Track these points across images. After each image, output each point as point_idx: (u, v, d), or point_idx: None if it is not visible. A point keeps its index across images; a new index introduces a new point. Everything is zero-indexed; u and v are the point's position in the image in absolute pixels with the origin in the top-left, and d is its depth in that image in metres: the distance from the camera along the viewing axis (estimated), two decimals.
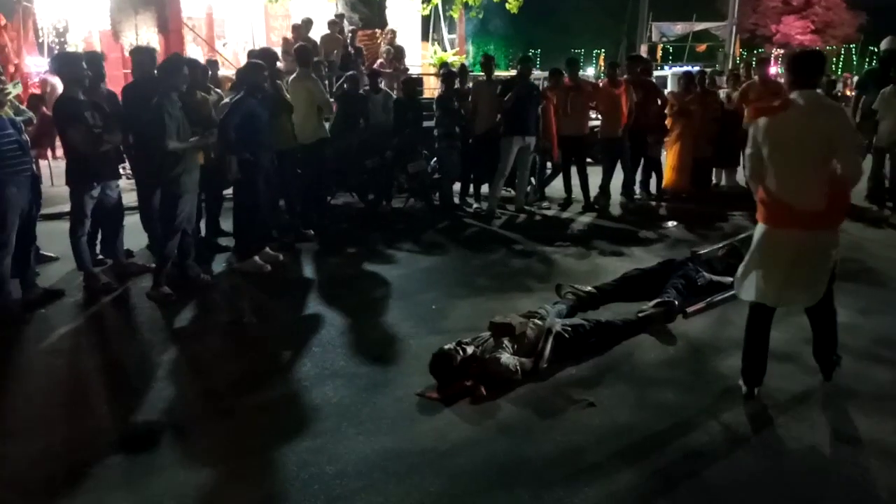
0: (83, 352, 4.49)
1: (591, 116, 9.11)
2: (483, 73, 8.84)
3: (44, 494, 2.97)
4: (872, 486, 2.99)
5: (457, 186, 8.91)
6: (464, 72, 9.35)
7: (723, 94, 9.91)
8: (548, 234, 7.34)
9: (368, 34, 13.57)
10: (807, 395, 3.74)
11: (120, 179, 6.04)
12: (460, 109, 8.41)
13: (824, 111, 3.38)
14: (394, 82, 10.06)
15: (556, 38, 37.31)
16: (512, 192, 8.73)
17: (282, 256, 6.35)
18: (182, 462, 3.15)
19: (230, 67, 11.83)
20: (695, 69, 11.19)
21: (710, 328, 4.71)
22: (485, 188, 8.75)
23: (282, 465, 3.11)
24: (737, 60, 22.72)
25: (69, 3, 13.66)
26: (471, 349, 3.90)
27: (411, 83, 8.99)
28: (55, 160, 10.25)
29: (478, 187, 8.85)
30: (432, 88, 12.57)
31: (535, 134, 8.18)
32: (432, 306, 5.16)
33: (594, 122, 9.31)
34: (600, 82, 9.78)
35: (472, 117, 8.37)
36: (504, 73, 18.37)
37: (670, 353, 4.32)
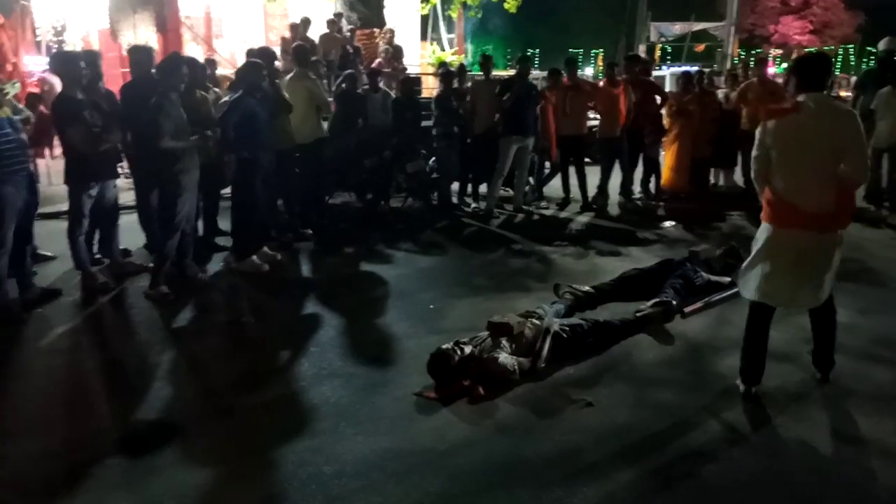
0: (81, 351, 4.49)
1: (589, 116, 9.11)
2: (481, 73, 8.84)
3: (43, 494, 2.96)
4: (872, 486, 3.00)
5: (455, 186, 8.91)
6: (462, 71, 9.35)
7: (721, 94, 9.90)
8: (546, 234, 7.34)
9: (367, 33, 13.59)
10: (805, 395, 3.75)
11: (118, 179, 6.03)
12: (459, 109, 8.40)
13: (835, 114, 3.41)
14: (392, 82, 10.05)
15: (554, 37, 37.30)
16: (510, 192, 8.74)
17: (280, 256, 6.35)
18: (181, 462, 3.15)
19: (228, 67, 11.82)
20: (693, 69, 11.17)
21: (708, 328, 4.72)
22: (483, 188, 8.75)
23: (280, 464, 3.11)
24: (735, 60, 22.70)
25: (67, 1, 13.62)
26: (469, 349, 3.89)
27: (410, 83, 8.98)
28: (53, 159, 10.24)
29: (476, 187, 8.85)
30: (431, 88, 12.57)
31: (533, 134, 8.19)
32: (430, 306, 5.16)
33: (593, 121, 9.30)
34: (599, 82, 9.78)
35: (470, 117, 8.37)
36: (503, 72, 18.39)
37: (668, 353, 4.33)
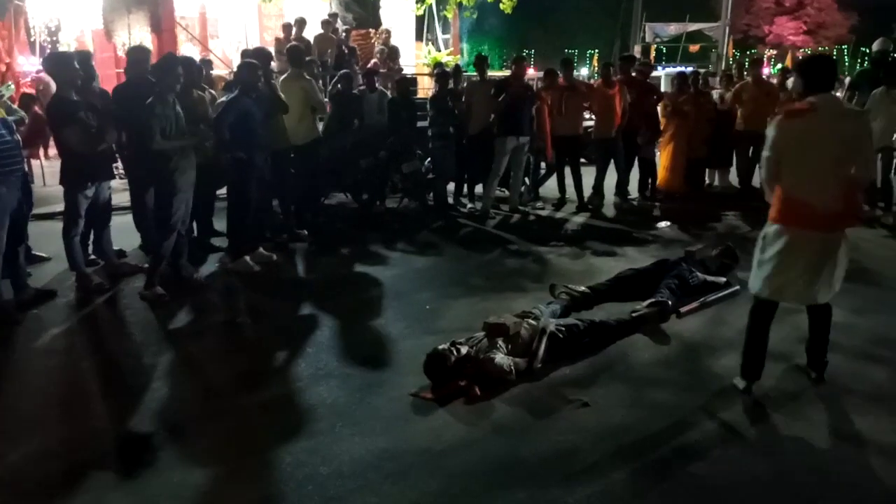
0: (76, 352, 4.47)
1: (585, 117, 9.12)
2: (476, 73, 8.85)
3: (41, 495, 2.96)
4: (871, 485, 3.01)
5: (451, 186, 8.91)
6: (457, 72, 9.35)
7: (716, 94, 9.93)
8: (542, 235, 7.35)
9: (362, 34, 13.57)
10: (802, 395, 3.76)
11: (114, 179, 6.01)
12: (454, 109, 8.40)
13: (848, 115, 3.56)
14: (388, 82, 10.05)
15: (550, 38, 37.40)
16: (506, 192, 8.74)
17: (275, 256, 6.34)
18: (178, 462, 3.14)
19: (223, 67, 11.80)
20: (688, 70, 11.20)
21: (703, 328, 4.73)
22: (479, 188, 8.75)
23: (277, 465, 3.11)
24: (730, 61, 22.77)
25: (61, 1, 13.56)
26: (465, 349, 3.89)
27: (405, 83, 8.98)
28: (48, 160, 10.22)
29: (472, 187, 8.85)
30: (426, 88, 12.57)
31: (529, 134, 8.19)
32: (426, 306, 5.15)
33: (588, 122, 9.31)
34: (594, 82, 9.78)
35: (465, 117, 8.38)
36: (498, 72, 18.39)
37: (664, 353, 4.33)
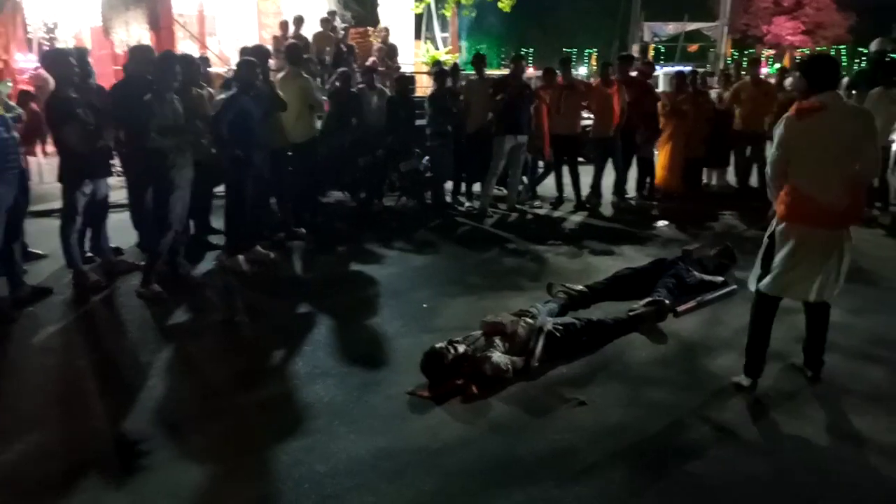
0: (73, 350, 4.46)
1: (583, 116, 9.12)
2: (475, 72, 8.84)
3: (38, 494, 2.95)
4: (869, 484, 3.01)
5: (449, 185, 8.90)
6: (455, 70, 9.34)
7: (714, 94, 9.93)
8: (539, 233, 7.35)
9: (361, 32, 13.57)
10: (799, 394, 3.76)
11: (112, 176, 6.00)
12: (452, 108, 8.39)
13: (856, 113, 3.60)
14: (386, 80, 10.04)
15: (548, 37, 37.39)
16: (504, 191, 8.74)
17: (273, 255, 6.33)
18: (175, 461, 3.14)
19: (221, 65, 11.78)
20: (686, 69, 11.19)
21: (700, 327, 4.73)
22: (477, 187, 8.75)
23: (274, 463, 3.10)
24: (728, 61, 22.81)
25: None
26: (462, 348, 3.89)
27: (405, 81, 8.95)
28: (46, 157, 10.17)
29: (470, 186, 8.85)
30: (425, 87, 12.56)
31: (527, 133, 8.18)
32: (424, 305, 5.15)
33: (586, 121, 9.31)
34: (593, 81, 9.77)
35: (464, 116, 8.37)
36: (496, 71, 18.38)
37: (661, 352, 4.34)
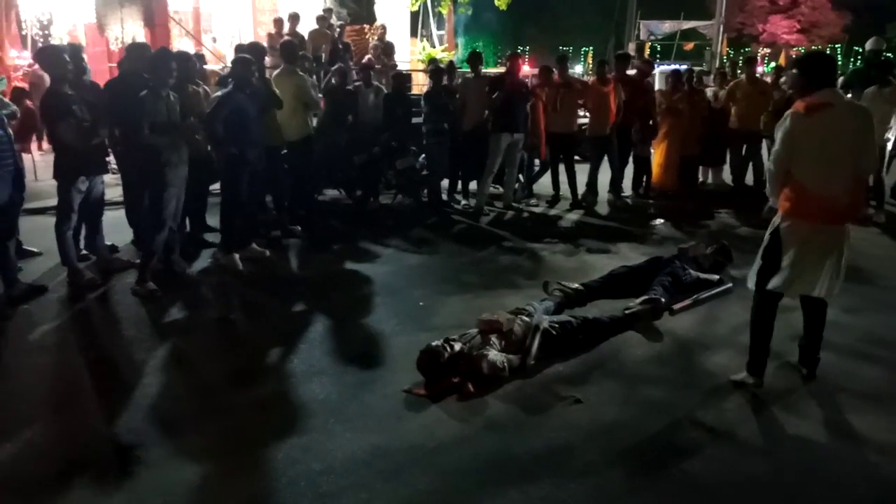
0: (68, 349, 4.44)
1: (579, 114, 9.11)
2: (470, 70, 8.83)
3: (32, 492, 2.94)
4: (864, 483, 3.02)
5: (445, 183, 8.90)
6: (451, 68, 9.32)
7: (710, 92, 9.94)
8: (536, 232, 7.35)
9: (356, 29, 13.55)
10: (795, 393, 3.77)
11: (107, 174, 5.98)
12: (448, 106, 8.38)
13: (858, 110, 3.65)
14: (382, 78, 10.02)
15: (544, 35, 37.44)
16: (500, 189, 8.73)
17: (268, 253, 6.32)
18: (169, 459, 3.13)
19: (216, 62, 11.75)
20: (682, 68, 11.19)
21: (696, 325, 4.74)
22: (473, 185, 8.74)
23: (269, 462, 3.10)
24: (724, 59, 22.84)
25: None
26: (458, 346, 3.89)
27: (402, 78, 8.94)
28: (42, 154, 10.15)
29: (466, 184, 8.84)
30: (421, 84, 12.55)
31: (523, 131, 8.18)
32: (420, 303, 5.15)
33: (583, 119, 9.31)
34: (589, 80, 9.76)
35: (459, 114, 8.36)
36: (493, 69, 18.39)
37: (657, 350, 4.34)
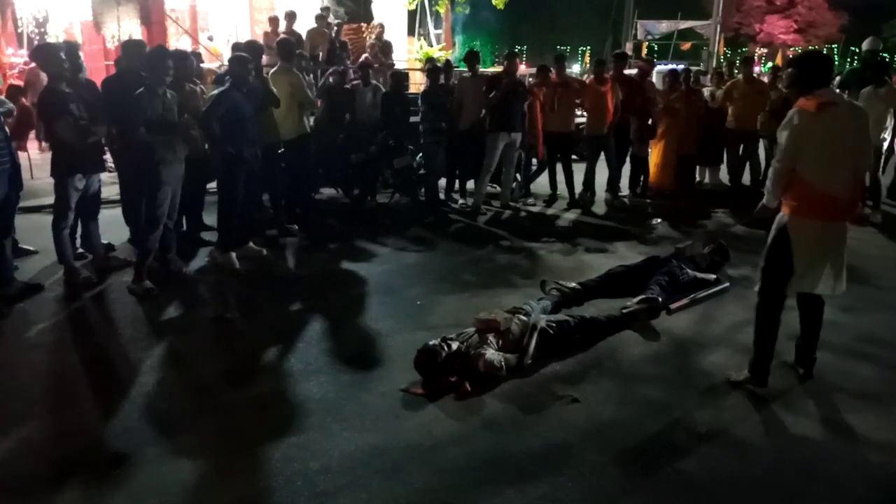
0: (63, 347, 4.43)
1: (576, 113, 9.11)
2: (468, 69, 8.82)
3: (28, 491, 2.93)
4: (859, 482, 3.02)
5: (442, 182, 8.90)
6: (449, 67, 9.31)
7: (707, 92, 9.95)
8: (533, 231, 7.35)
9: (354, 28, 13.53)
10: (791, 392, 3.78)
11: (104, 172, 5.96)
12: (445, 104, 8.38)
13: (857, 110, 3.69)
14: (380, 77, 10.01)
15: (542, 34, 37.48)
16: (497, 189, 8.73)
17: (265, 251, 6.31)
18: (165, 458, 3.12)
19: (213, 60, 11.73)
20: (679, 67, 11.20)
21: (693, 324, 4.75)
22: (470, 184, 8.74)
23: (266, 461, 3.09)
24: (721, 59, 22.87)
25: None
26: (456, 345, 3.89)
27: (399, 77, 8.92)
28: (41, 152, 10.12)
29: (463, 183, 8.84)
30: (418, 83, 12.55)
31: (521, 130, 8.18)
32: (417, 302, 5.15)
33: (580, 118, 9.31)
34: (587, 79, 9.76)
35: (457, 113, 8.35)
36: (490, 69, 18.38)
37: (654, 350, 4.35)
